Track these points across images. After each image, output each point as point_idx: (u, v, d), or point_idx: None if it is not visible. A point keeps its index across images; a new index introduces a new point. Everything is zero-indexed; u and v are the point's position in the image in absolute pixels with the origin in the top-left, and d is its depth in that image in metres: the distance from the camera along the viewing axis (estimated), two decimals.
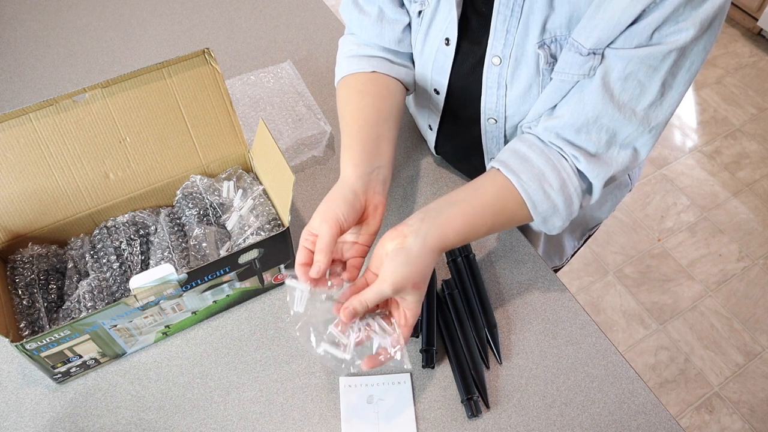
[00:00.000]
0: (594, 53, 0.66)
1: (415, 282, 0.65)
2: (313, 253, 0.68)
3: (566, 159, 0.72)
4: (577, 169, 0.72)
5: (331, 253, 0.66)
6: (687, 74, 0.66)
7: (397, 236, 0.67)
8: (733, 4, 2.72)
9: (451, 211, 0.69)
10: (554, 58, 0.70)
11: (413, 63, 0.89)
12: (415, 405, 0.78)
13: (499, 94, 0.78)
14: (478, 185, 0.73)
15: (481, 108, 0.81)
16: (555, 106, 0.73)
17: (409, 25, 0.84)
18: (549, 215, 0.73)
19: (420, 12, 0.80)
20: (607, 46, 0.65)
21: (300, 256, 0.69)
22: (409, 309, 0.67)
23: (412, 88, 0.91)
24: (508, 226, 0.75)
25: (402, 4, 0.83)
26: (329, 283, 0.69)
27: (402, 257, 0.65)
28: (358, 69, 0.85)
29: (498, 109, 0.79)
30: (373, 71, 0.85)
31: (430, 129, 0.96)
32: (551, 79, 0.72)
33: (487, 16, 0.73)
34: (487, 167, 0.92)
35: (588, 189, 0.74)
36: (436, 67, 0.83)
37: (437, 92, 0.86)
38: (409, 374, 0.80)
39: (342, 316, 0.65)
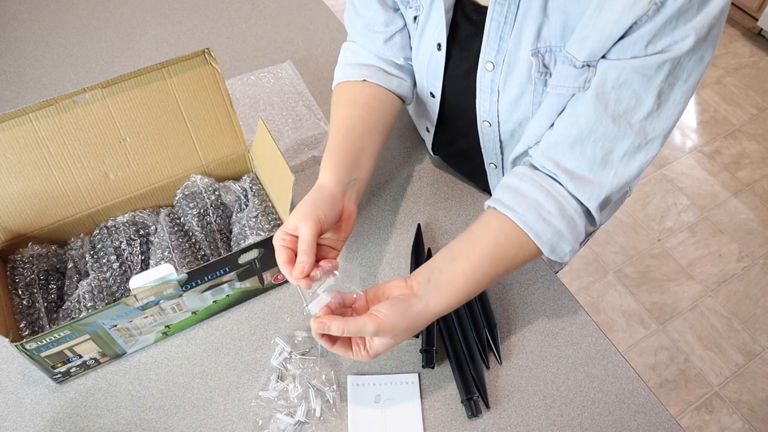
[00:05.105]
0: (588, 65, 0.65)
1: (396, 334, 0.66)
2: (293, 252, 0.68)
3: (560, 183, 0.71)
4: (570, 192, 0.71)
5: (313, 252, 0.66)
6: (684, 86, 0.64)
7: (406, 288, 0.69)
8: (733, 4, 2.72)
9: (453, 270, 0.69)
10: (546, 67, 0.70)
11: (411, 75, 0.89)
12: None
13: (492, 99, 0.78)
14: (477, 234, 0.72)
15: (477, 111, 0.81)
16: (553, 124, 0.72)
17: (403, 31, 0.84)
18: (555, 242, 0.71)
19: (416, 17, 0.80)
20: (602, 57, 0.65)
21: (281, 257, 0.68)
22: (372, 348, 0.67)
23: (409, 99, 0.91)
24: (516, 266, 0.73)
25: (397, 10, 0.83)
26: (319, 277, 0.68)
27: (402, 308, 0.66)
28: (350, 77, 0.86)
29: (491, 113, 0.80)
30: (364, 80, 0.85)
31: (428, 131, 0.96)
32: (545, 90, 0.71)
33: (478, 23, 0.73)
34: (488, 174, 0.92)
35: (587, 211, 0.72)
36: (430, 71, 0.83)
37: (433, 95, 0.87)
38: (417, 374, 0.80)
39: (313, 325, 0.66)
